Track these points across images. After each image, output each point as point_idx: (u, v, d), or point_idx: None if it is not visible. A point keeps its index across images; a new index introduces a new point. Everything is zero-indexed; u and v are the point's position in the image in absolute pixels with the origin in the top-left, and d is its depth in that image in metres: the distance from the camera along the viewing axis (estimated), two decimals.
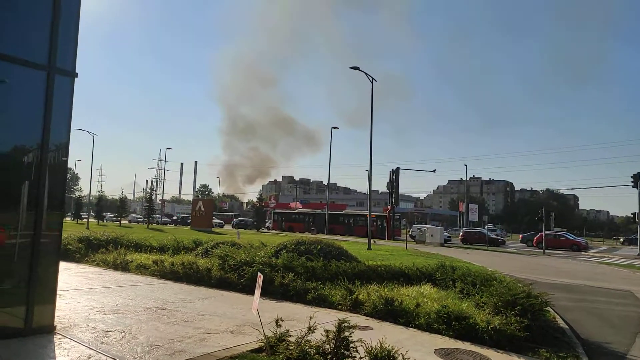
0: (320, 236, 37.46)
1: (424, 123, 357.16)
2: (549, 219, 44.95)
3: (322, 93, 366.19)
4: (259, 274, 8.36)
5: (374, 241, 39.72)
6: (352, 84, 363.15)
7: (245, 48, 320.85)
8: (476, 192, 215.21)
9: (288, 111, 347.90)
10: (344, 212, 72.34)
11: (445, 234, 51.92)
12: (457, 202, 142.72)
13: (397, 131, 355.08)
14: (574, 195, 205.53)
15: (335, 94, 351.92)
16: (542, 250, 41.98)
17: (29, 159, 7.63)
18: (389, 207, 55.81)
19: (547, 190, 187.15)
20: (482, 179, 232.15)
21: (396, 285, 12.44)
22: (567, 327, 10.77)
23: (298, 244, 15.04)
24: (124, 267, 15.41)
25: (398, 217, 61.47)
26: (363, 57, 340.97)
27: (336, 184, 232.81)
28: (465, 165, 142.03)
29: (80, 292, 11.11)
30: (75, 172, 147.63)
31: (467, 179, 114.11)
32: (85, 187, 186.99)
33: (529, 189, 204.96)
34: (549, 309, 11.61)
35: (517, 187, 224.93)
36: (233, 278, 12.59)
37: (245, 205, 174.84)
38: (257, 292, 7.83)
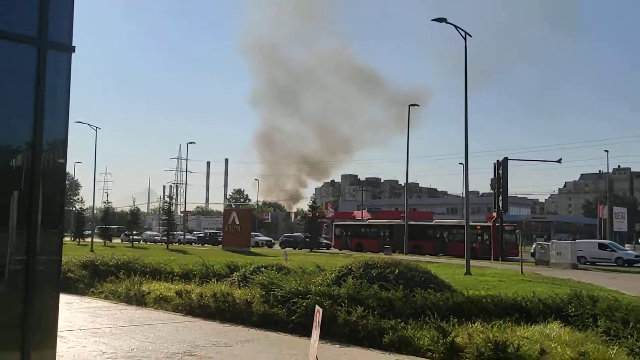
0: (398, 256, 31.85)
1: (549, 86, 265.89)
2: None
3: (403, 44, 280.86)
4: (317, 308, 7.62)
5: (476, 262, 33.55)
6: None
7: None
8: (624, 189, 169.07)
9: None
10: (431, 222, 61.42)
11: (579, 251, 40.89)
12: (594, 205, 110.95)
13: (507, 104, 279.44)
14: None
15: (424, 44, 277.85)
16: None
17: (17, 162, 5.84)
18: (494, 214, 47.22)
19: None
20: (633, 170, 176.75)
21: (509, 324, 10.07)
22: None
23: (368, 267, 13.02)
24: (139, 301, 14.24)
25: (513, 227, 50.59)
26: None
27: (417, 184, 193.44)
28: (607, 151, 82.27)
29: (86, 334, 10.48)
30: (75, 179, 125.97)
31: (610, 171, 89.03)
32: (88, 197, 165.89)
33: None
34: None
35: None
36: (281, 314, 11.09)
37: (293, 216, 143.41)
38: (316, 333, 7.16)
